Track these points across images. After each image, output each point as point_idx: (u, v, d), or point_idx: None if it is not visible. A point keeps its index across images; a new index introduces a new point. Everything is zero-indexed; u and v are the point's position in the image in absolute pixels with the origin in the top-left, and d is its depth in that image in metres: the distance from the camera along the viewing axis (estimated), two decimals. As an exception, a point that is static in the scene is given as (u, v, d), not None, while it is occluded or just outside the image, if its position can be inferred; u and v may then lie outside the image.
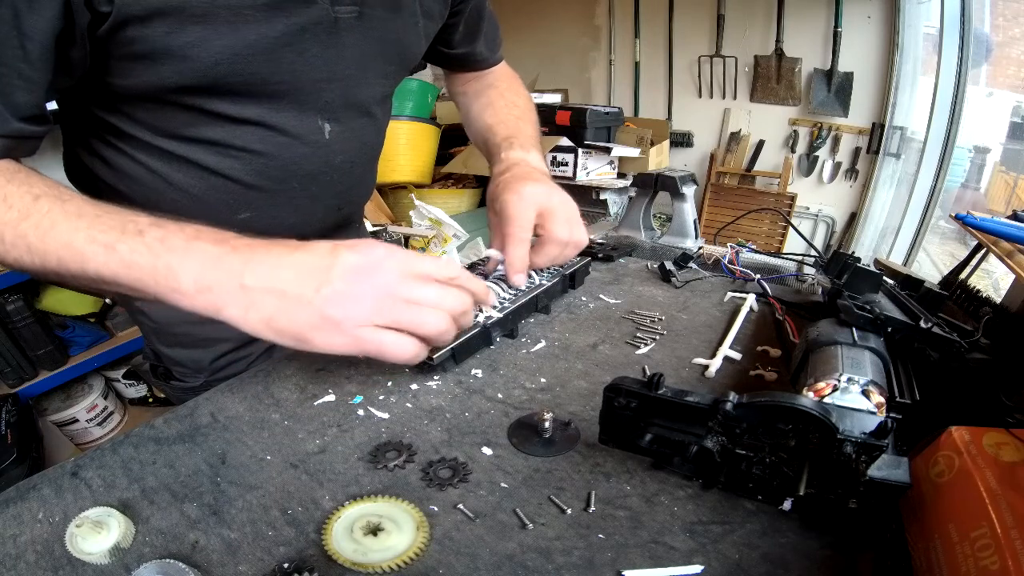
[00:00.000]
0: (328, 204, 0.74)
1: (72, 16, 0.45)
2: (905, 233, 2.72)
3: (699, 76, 3.13)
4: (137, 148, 0.60)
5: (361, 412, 0.59)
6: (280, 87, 0.58)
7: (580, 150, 2.59)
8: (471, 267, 0.87)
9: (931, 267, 2.64)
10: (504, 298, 0.75)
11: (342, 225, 0.83)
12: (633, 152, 2.67)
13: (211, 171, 0.61)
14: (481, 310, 0.67)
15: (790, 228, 2.83)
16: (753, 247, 1.04)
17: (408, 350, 0.47)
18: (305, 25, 0.55)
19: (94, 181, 0.64)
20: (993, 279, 1.73)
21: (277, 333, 0.44)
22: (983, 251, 0.80)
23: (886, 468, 0.39)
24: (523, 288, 0.73)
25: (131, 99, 0.56)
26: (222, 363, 0.78)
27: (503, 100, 0.86)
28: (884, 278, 0.71)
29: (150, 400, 2.07)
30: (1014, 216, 0.78)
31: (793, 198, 2.94)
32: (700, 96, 3.18)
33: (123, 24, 0.47)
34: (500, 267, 0.73)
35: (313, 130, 0.63)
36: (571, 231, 0.70)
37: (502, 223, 0.68)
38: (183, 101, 0.56)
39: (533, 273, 0.83)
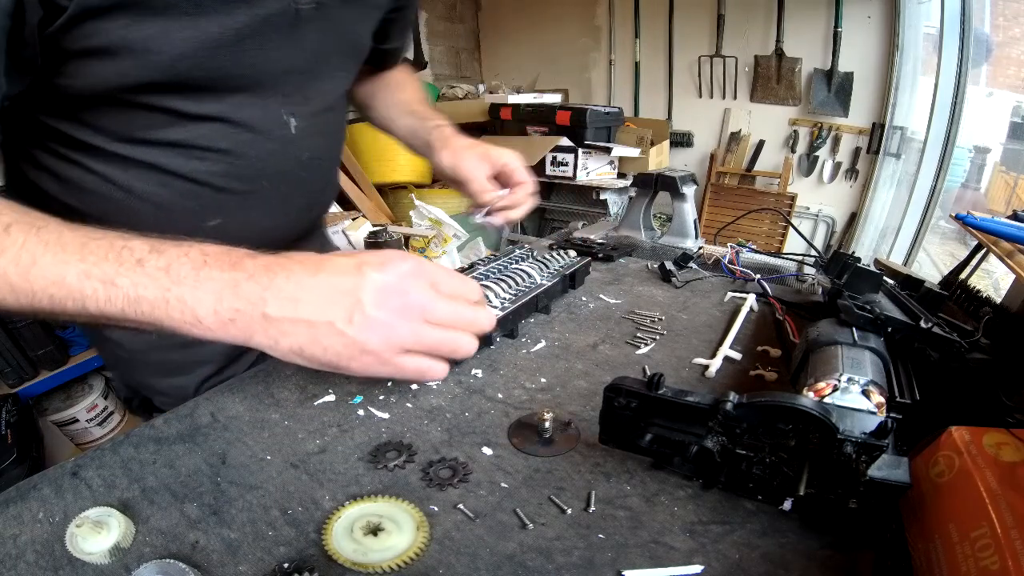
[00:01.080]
0: (299, 205, 0.72)
1: (23, 12, 0.41)
2: (905, 233, 2.72)
3: (699, 76, 3.13)
4: (91, 157, 0.56)
5: (361, 412, 0.59)
6: (242, 81, 0.56)
7: (580, 150, 2.59)
8: (470, 267, 0.87)
9: (931, 267, 2.64)
10: (504, 298, 0.75)
11: (310, 230, 0.81)
12: (633, 152, 2.67)
13: (176, 175, 0.58)
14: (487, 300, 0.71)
15: (790, 228, 2.83)
16: (753, 247, 1.04)
17: (443, 372, 0.46)
18: (267, 16, 0.53)
19: (42, 198, 0.57)
20: (993, 279, 1.72)
21: (311, 361, 0.42)
22: (983, 251, 0.80)
23: (886, 468, 0.39)
24: (501, 227, 0.80)
25: (85, 102, 0.52)
26: (205, 388, 0.74)
27: (411, 86, 0.88)
28: (884, 278, 0.71)
29: (150, 400, 2.06)
30: (1014, 216, 0.78)
31: (793, 198, 2.94)
32: (700, 96, 3.18)
33: (80, 17, 0.44)
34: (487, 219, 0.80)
35: (278, 124, 0.61)
36: (526, 172, 0.77)
37: (508, 174, 0.75)
38: (142, 100, 0.52)
39: (534, 273, 0.83)
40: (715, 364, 0.66)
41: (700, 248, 1.07)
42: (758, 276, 0.91)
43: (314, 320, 0.40)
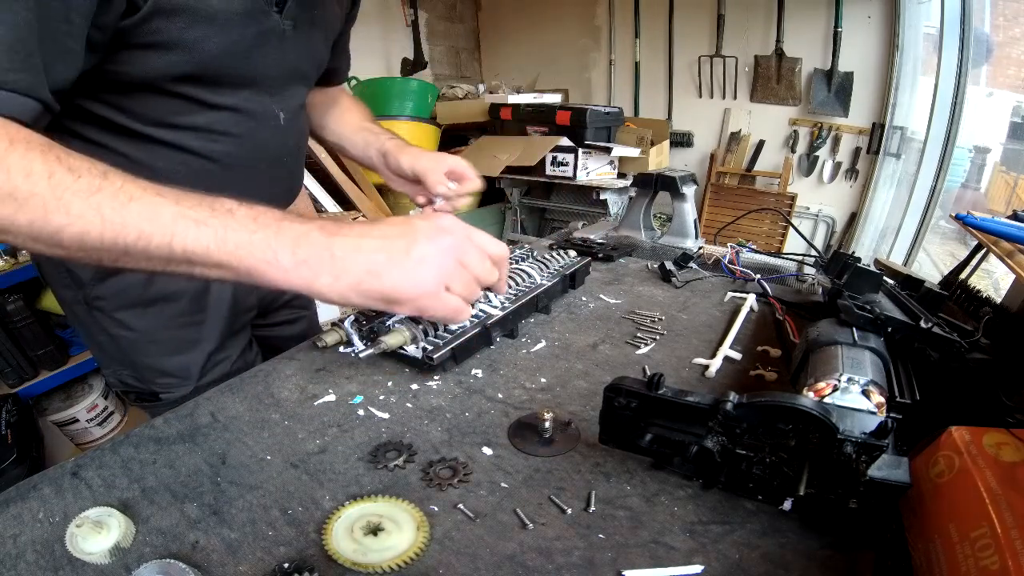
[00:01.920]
0: (284, 187, 0.86)
1: (109, 3, 0.49)
2: (905, 233, 2.72)
3: (699, 76, 3.12)
4: (121, 138, 0.64)
5: (361, 412, 0.59)
6: (249, 79, 0.69)
7: (580, 150, 2.58)
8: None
9: (931, 267, 2.64)
10: (504, 298, 0.75)
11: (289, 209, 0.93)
12: (633, 152, 2.67)
13: (195, 154, 0.68)
14: (488, 298, 0.75)
15: (790, 228, 2.83)
16: (753, 247, 1.04)
17: (469, 315, 0.53)
18: (266, 31, 0.66)
19: None
20: (993, 279, 1.72)
21: (365, 296, 0.46)
22: (983, 251, 0.80)
23: (886, 468, 0.39)
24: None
25: (127, 87, 0.60)
26: (209, 366, 0.81)
27: (358, 108, 1.02)
28: (884, 278, 0.71)
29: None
30: (1014, 216, 0.78)
31: (793, 198, 2.94)
32: (700, 96, 3.18)
33: (151, 16, 0.54)
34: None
35: (272, 115, 0.75)
36: (473, 172, 0.86)
37: (423, 172, 0.85)
38: (178, 89, 0.63)
39: (534, 273, 0.83)
40: (715, 364, 0.66)
41: (700, 248, 1.07)
42: (758, 276, 0.91)
43: (374, 255, 0.46)
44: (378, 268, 0.45)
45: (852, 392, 0.49)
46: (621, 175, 2.77)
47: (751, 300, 0.84)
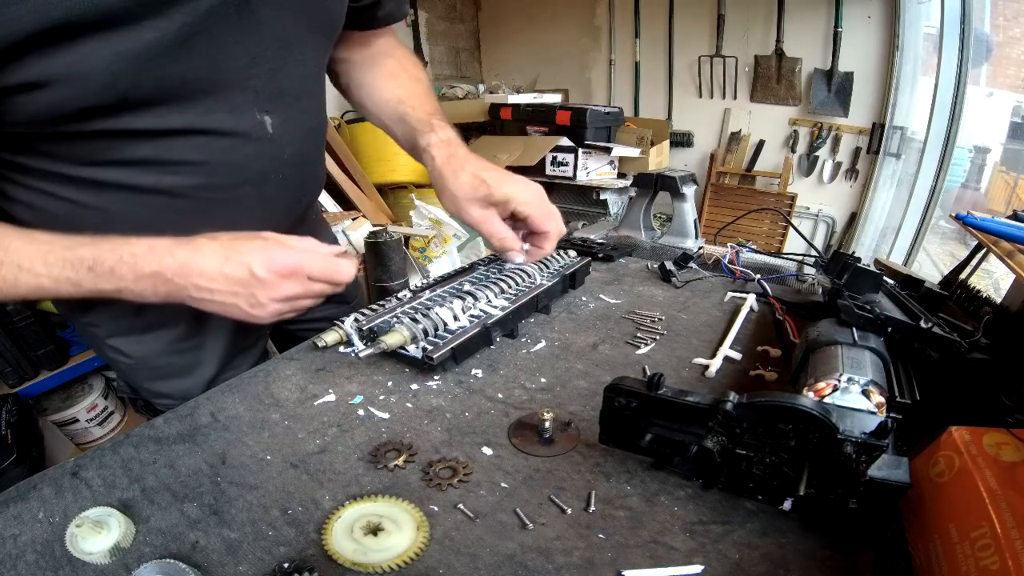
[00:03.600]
0: (286, 202, 0.69)
1: None
2: (905, 233, 2.72)
3: (699, 76, 3.13)
4: (56, 183, 0.53)
5: (361, 412, 0.59)
6: (200, 84, 0.51)
7: (580, 150, 2.59)
8: (469, 266, 0.87)
9: (931, 267, 2.64)
10: (504, 298, 0.75)
11: (301, 220, 0.78)
12: (633, 152, 2.67)
13: (152, 191, 0.55)
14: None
15: (790, 228, 2.83)
16: (753, 247, 1.04)
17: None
18: (210, 8, 0.47)
19: (21, 226, 0.51)
20: (993, 279, 1.72)
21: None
22: (983, 251, 0.80)
23: (886, 468, 0.39)
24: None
25: (32, 133, 0.48)
26: (214, 384, 0.72)
27: (406, 72, 0.76)
28: (884, 278, 0.71)
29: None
30: (1014, 216, 0.78)
31: (793, 198, 2.94)
32: (700, 96, 3.18)
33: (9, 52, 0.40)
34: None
35: (254, 126, 0.57)
36: (559, 221, 0.75)
37: (530, 221, 0.71)
38: (91, 127, 0.48)
39: (534, 273, 0.83)
40: (715, 364, 0.66)
41: (700, 248, 1.07)
42: (758, 276, 0.91)
43: (224, 304, 0.55)
44: (227, 311, 0.56)
45: (852, 392, 0.49)
46: (621, 175, 2.77)
47: (751, 300, 0.84)
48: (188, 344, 0.74)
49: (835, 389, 0.49)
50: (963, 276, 0.82)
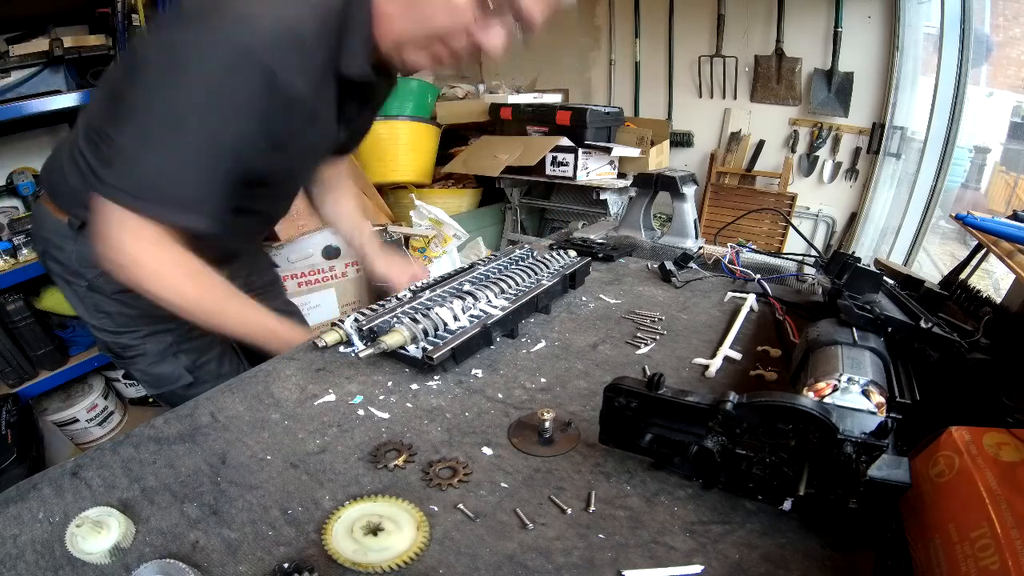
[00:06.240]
0: (269, 224, 1.08)
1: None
2: (905, 233, 2.71)
3: (699, 76, 3.12)
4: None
5: (361, 412, 0.59)
6: (283, 185, 0.90)
7: (580, 150, 2.58)
8: (472, 266, 0.87)
9: (931, 267, 2.63)
10: (504, 297, 0.75)
11: (253, 249, 1.17)
12: (633, 152, 2.67)
13: (245, 214, 0.84)
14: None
15: (790, 228, 2.82)
16: (753, 247, 1.04)
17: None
18: (320, 146, 0.84)
19: None
20: (993, 279, 1.72)
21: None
22: (983, 251, 0.80)
23: (886, 468, 0.39)
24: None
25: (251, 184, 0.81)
26: (186, 328, 0.93)
27: (346, 195, 1.17)
28: (884, 278, 0.71)
29: (150, 400, 2.06)
30: (1014, 216, 0.78)
31: (793, 198, 2.93)
32: (700, 96, 3.17)
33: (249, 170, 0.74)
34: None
35: (294, 191, 0.96)
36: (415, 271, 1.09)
37: (393, 278, 1.06)
38: (252, 191, 0.79)
39: (534, 273, 0.83)
40: (715, 364, 0.66)
41: (700, 248, 1.07)
42: (758, 276, 0.91)
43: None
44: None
45: (852, 392, 0.49)
46: (621, 175, 2.77)
47: (751, 300, 0.84)
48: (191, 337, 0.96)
49: (835, 389, 0.49)
50: (963, 276, 0.82)
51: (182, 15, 0.67)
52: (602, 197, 2.69)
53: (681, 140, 3.26)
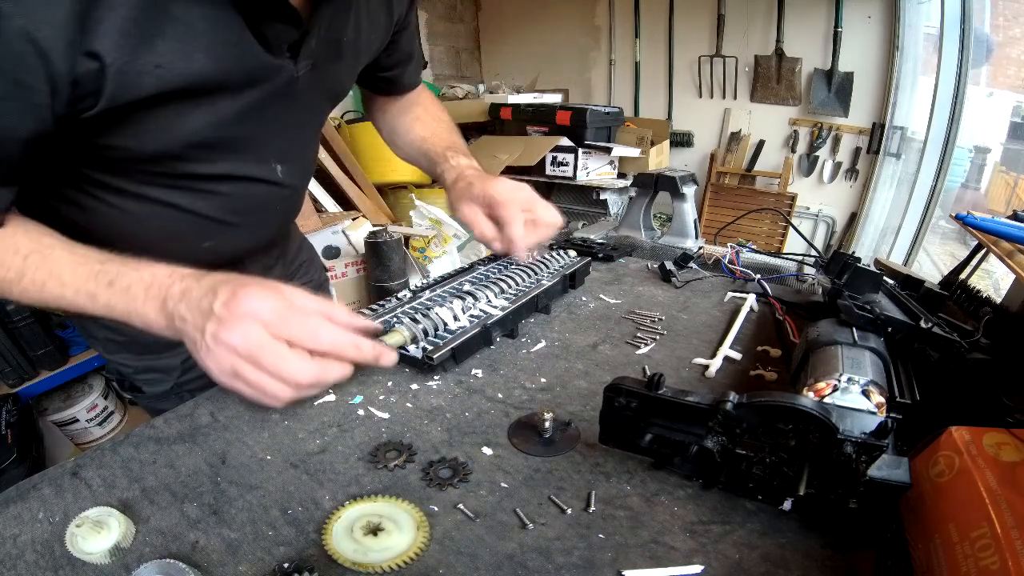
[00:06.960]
0: (278, 223, 0.84)
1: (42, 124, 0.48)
2: (905, 233, 2.72)
3: (699, 76, 3.13)
4: (114, 194, 0.63)
5: (361, 412, 0.59)
6: (243, 143, 0.65)
7: (580, 150, 2.59)
8: (470, 267, 0.87)
9: (931, 267, 2.64)
10: (504, 297, 0.75)
11: (283, 235, 0.92)
12: (633, 152, 2.67)
13: (184, 210, 0.67)
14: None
15: (790, 228, 2.83)
16: (753, 247, 1.04)
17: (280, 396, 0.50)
18: (270, 90, 0.61)
19: (58, 219, 0.61)
20: (993, 279, 1.73)
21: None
22: (983, 251, 0.80)
23: (886, 468, 0.39)
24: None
25: (106, 160, 0.59)
26: (189, 363, 0.80)
27: (429, 115, 0.95)
28: (884, 278, 0.71)
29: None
30: (1014, 216, 0.78)
31: (793, 198, 2.94)
32: (700, 96, 3.18)
33: (107, 112, 0.50)
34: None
35: (269, 172, 0.71)
36: (552, 213, 0.80)
37: (497, 207, 0.77)
38: (157, 168, 0.61)
39: (534, 273, 0.83)
40: (715, 364, 0.66)
41: (700, 248, 1.07)
42: (758, 276, 0.91)
43: (192, 340, 0.50)
44: (196, 352, 0.50)
45: (852, 392, 0.49)
46: (621, 175, 2.77)
47: (751, 300, 0.84)
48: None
49: (835, 389, 0.49)
50: (963, 276, 0.82)
51: None
52: (602, 197, 2.69)
53: (681, 140, 3.26)
